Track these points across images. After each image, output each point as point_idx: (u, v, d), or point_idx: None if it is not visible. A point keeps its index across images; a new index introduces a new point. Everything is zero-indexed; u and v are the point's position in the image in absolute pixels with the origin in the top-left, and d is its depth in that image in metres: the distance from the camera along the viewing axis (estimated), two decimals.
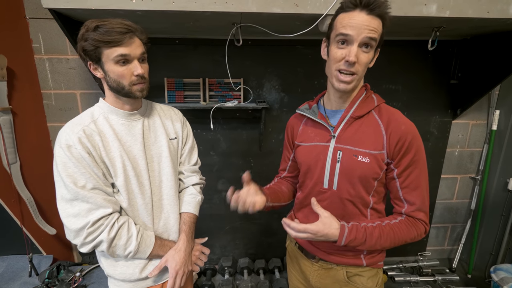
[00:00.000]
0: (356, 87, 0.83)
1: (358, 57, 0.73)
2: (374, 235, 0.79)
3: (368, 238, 0.79)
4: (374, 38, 0.72)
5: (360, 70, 0.76)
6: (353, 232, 0.78)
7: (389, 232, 0.80)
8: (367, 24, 0.70)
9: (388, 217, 0.86)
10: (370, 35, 0.71)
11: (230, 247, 2.02)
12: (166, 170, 0.94)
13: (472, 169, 1.99)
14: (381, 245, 0.80)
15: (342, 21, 0.73)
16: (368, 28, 0.71)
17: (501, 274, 1.64)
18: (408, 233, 0.80)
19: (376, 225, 0.81)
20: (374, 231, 0.80)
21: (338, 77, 0.77)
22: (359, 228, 0.79)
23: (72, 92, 1.67)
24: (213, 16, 1.15)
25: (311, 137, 0.91)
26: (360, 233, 0.78)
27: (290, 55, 1.66)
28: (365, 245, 0.79)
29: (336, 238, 0.78)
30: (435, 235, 2.12)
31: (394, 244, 0.81)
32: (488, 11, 1.14)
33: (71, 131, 0.80)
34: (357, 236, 0.78)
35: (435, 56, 1.71)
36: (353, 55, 0.72)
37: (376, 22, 0.72)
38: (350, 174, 0.82)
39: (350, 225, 0.80)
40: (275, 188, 1.03)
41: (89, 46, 0.77)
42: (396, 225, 0.81)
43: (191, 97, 1.66)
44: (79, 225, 0.78)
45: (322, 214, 0.79)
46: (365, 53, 0.74)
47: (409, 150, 0.78)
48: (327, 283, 0.94)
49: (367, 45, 0.73)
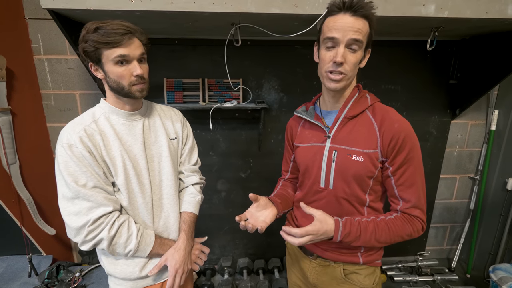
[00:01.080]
0: (348, 87, 0.84)
1: (346, 58, 0.75)
2: (368, 230, 0.80)
3: (363, 232, 0.79)
4: (359, 39, 0.74)
5: (348, 70, 0.78)
6: (348, 226, 0.79)
7: (384, 227, 0.80)
8: (351, 25, 0.73)
9: (384, 214, 0.87)
10: (354, 36, 0.73)
11: (229, 247, 2.02)
12: (166, 170, 0.95)
13: (471, 169, 1.99)
14: (376, 239, 0.80)
15: (328, 24, 0.76)
16: (353, 30, 0.73)
17: (500, 273, 1.64)
18: (403, 229, 0.81)
19: (370, 220, 0.82)
20: (368, 225, 0.80)
21: (328, 76, 0.79)
22: (353, 222, 0.80)
23: (72, 92, 1.67)
24: (212, 17, 1.15)
25: (308, 138, 0.93)
26: (354, 227, 0.79)
27: (289, 55, 1.67)
28: (360, 239, 0.80)
29: (332, 234, 0.78)
30: (434, 235, 2.12)
31: (390, 239, 0.81)
32: (486, 12, 1.14)
33: (73, 130, 0.81)
34: (352, 230, 0.78)
35: (434, 56, 1.71)
36: (340, 56, 0.74)
37: (361, 23, 0.74)
38: (344, 173, 0.83)
39: (344, 219, 0.81)
40: (283, 194, 1.04)
41: (89, 47, 0.78)
42: (391, 221, 0.82)
43: (190, 98, 1.66)
44: (80, 223, 0.79)
45: (315, 213, 0.79)
46: (352, 54, 0.76)
47: (403, 148, 0.78)
48: (324, 280, 0.95)
49: (354, 46, 0.75)
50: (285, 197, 1.02)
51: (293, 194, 1.06)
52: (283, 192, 1.05)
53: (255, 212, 0.89)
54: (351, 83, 0.84)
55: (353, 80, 0.84)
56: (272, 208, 0.92)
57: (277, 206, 0.93)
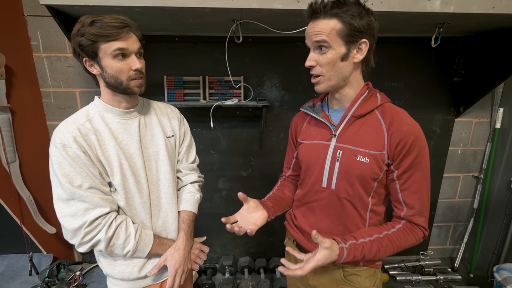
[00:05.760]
0: (343, 87, 0.82)
1: (318, 60, 0.78)
2: (372, 251, 0.78)
3: (366, 254, 0.78)
4: (321, 40, 0.75)
5: (324, 71, 0.78)
6: (351, 253, 0.77)
7: (387, 244, 0.79)
8: (312, 30, 0.76)
9: (386, 225, 0.84)
10: (315, 39, 0.75)
11: (230, 246, 2.01)
12: (163, 169, 0.93)
13: (475, 168, 1.97)
14: (379, 257, 0.80)
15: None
16: (314, 33, 0.76)
17: (504, 273, 1.62)
18: (406, 241, 0.80)
19: (374, 238, 0.80)
20: (372, 246, 0.78)
21: (312, 80, 0.83)
22: (357, 247, 0.78)
23: (71, 90, 1.66)
24: (213, 13, 1.13)
25: (313, 135, 0.91)
26: (357, 251, 0.77)
27: (291, 52, 1.65)
28: (363, 260, 0.80)
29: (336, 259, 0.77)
30: (437, 234, 2.10)
31: (392, 253, 0.81)
32: (493, 7, 1.12)
33: (66, 130, 0.79)
34: (355, 255, 0.77)
35: (438, 53, 1.68)
36: (308, 61, 0.79)
37: (321, 24, 0.75)
38: (348, 174, 0.81)
39: (348, 245, 0.78)
40: (278, 196, 1.02)
41: (85, 41, 0.75)
42: (395, 235, 0.80)
43: (191, 95, 1.64)
44: (76, 225, 0.77)
45: (323, 245, 0.75)
46: (323, 54, 0.77)
47: (411, 151, 0.76)
48: (324, 281, 0.93)
49: (321, 47, 0.76)
50: (279, 200, 1.00)
51: (290, 196, 1.04)
52: (279, 194, 1.03)
53: (245, 214, 0.88)
54: (339, 82, 0.80)
55: (348, 79, 0.80)
56: (263, 210, 0.91)
57: (267, 209, 0.92)
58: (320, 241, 0.74)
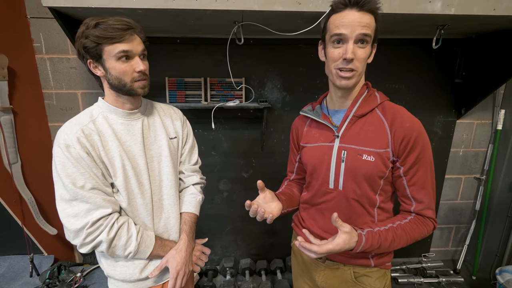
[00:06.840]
0: (358, 84, 0.83)
1: (356, 53, 0.74)
2: (388, 239, 0.78)
3: (383, 243, 0.78)
4: (368, 34, 0.73)
5: (359, 66, 0.76)
6: (369, 240, 0.77)
7: (401, 234, 0.79)
8: (359, 20, 0.72)
9: (397, 216, 0.85)
10: (363, 31, 0.72)
11: (231, 248, 2.01)
12: (166, 170, 0.94)
13: (477, 169, 1.96)
14: (394, 247, 0.80)
15: (334, 21, 0.75)
16: (361, 25, 0.72)
17: (507, 276, 1.61)
18: (419, 232, 0.81)
19: (388, 227, 0.80)
20: (388, 235, 0.79)
21: (338, 74, 0.77)
22: (374, 235, 0.78)
23: (74, 91, 1.67)
24: (214, 14, 1.14)
25: (316, 137, 0.91)
26: (375, 239, 0.77)
27: (292, 54, 1.65)
28: (379, 250, 0.79)
29: (354, 246, 0.76)
30: (439, 236, 2.09)
31: (405, 244, 0.81)
32: (494, 8, 1.12)
33: (70, 131, 0.79)
34: (373, 243, 0.77)
35: (439, 54, 1.68)
36: (350, 52, 0.73)
37: (368, 17, 0.73)
38: (355, 173, 0.81)
39: (366, 232, 0.78)
40: (288, 192, 1.02)
41: (90, 43, 0.76)
42: (407, 225, 0.81)
43: (192, 97, 1.65)
44: (78, 226, 0.77)
45: (342, 229, 0.75)
46: (362, 49, 0.75)
47: (415, 147, 0.77)
48: (333, 283, 0.92)
49: (363, 41, 0.74)
50: (290, 196, 1.01)
51: (298, 194, 1.05)
52: (288, 191, 1.03)
53: (262, 203, 0.87)
54: (361, 79, 0.82)
55: (362, 77, 0.82)
56: (278, 202, 0.91)
57: (282, 202, 0.92)
58: (340, 225, 0.74)
